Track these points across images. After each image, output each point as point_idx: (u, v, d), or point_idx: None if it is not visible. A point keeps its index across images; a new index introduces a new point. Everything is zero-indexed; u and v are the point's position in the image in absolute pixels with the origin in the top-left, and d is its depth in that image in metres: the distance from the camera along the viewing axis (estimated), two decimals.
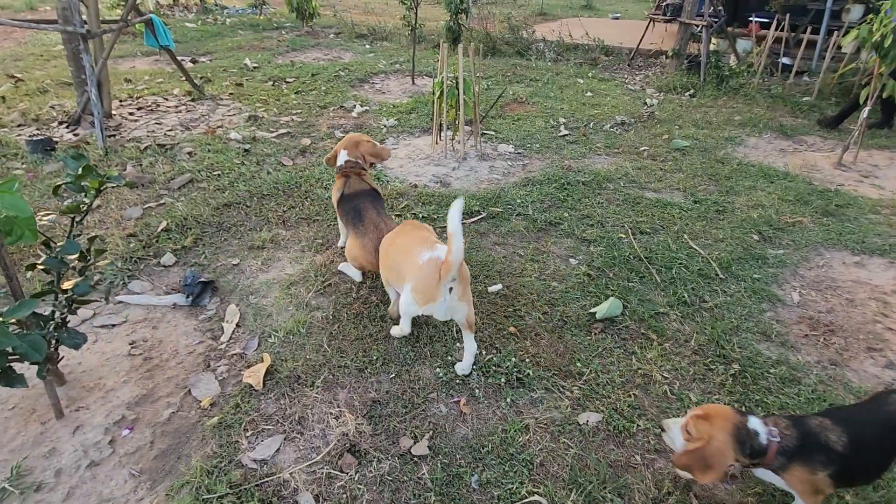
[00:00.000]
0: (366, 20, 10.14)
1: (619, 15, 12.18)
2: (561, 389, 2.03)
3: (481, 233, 3.11)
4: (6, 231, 1.61)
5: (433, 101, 4.10)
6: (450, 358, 2.15)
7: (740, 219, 3.32)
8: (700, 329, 2.37)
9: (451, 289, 1.86)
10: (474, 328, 2.03)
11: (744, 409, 1.86)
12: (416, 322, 2.33)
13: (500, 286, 2.61)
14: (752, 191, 3.72)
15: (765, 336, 2.35)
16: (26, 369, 1.71)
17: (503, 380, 2.05)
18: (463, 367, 2.05)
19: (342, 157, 2.70)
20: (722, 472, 1.38)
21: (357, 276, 2.60)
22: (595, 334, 2.32)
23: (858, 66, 5.75)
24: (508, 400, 1.97)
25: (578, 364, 2.15)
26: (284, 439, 1.81)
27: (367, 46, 8.33)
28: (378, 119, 4.98)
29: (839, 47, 6.02)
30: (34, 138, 3.86)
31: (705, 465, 1.39)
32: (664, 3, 7.47)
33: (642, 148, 4.47)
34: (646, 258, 2.88)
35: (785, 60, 6.65)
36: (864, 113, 4.06)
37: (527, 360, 2.16)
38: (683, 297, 2.57)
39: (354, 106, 5.33)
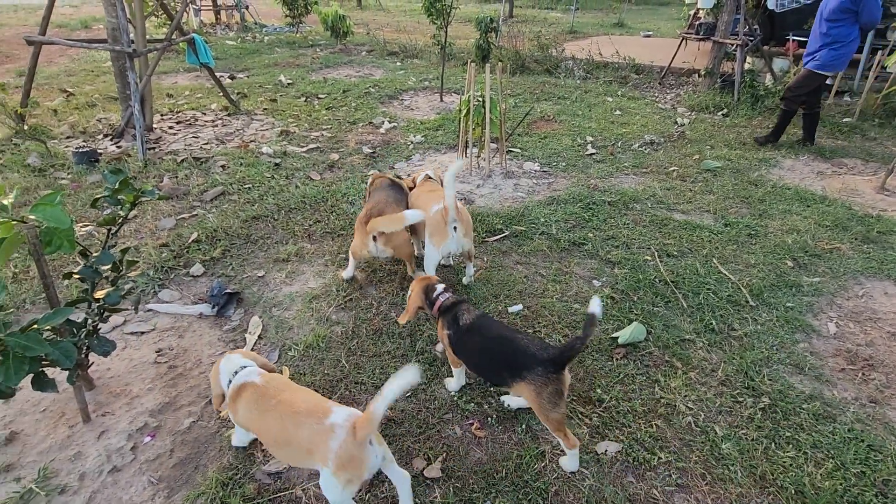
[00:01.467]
0: (397, 38, 10.37)
1: (650, 33, 12.09)
2: (580, 416, 1.98)
3: (503, 251, 3.10)
4: (46, 241, 1.70)
5: (460, 119, 4.14)
6: (467, 380, 2.12)
7: (773, 244, 3.21)
8: (728, 358, 2.28)
9: (455, 228, 2.43)
10: (473, 259, 2.68)
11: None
12: (433, 338, 2.32)
13: (520, 306, 2.59)
14: (787, 215, 3.59)
15: (797, 368, 2.24)
16: (57, 374, 1.78)
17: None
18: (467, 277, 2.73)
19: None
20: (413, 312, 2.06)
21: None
22: (617, 360, 2.27)
23: None
24: (524, 425, 1.93)
25: (598, 390, 2.09)
26: None
27: (398, 64, 8.50)
28: (405, 135, 5.06)
29: (884, 67, 5.81)
30: (80, 150, 4.08)
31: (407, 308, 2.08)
32: (697, 23, 7.37)
33: (671, 168, 4.39)
34: (672, 282, 2.80)
35: None
36: None
37: None
38: (711, 324, 2.49)
39: (383, 122, 5.43)
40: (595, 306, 1.64)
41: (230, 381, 1.64)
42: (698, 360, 2.27)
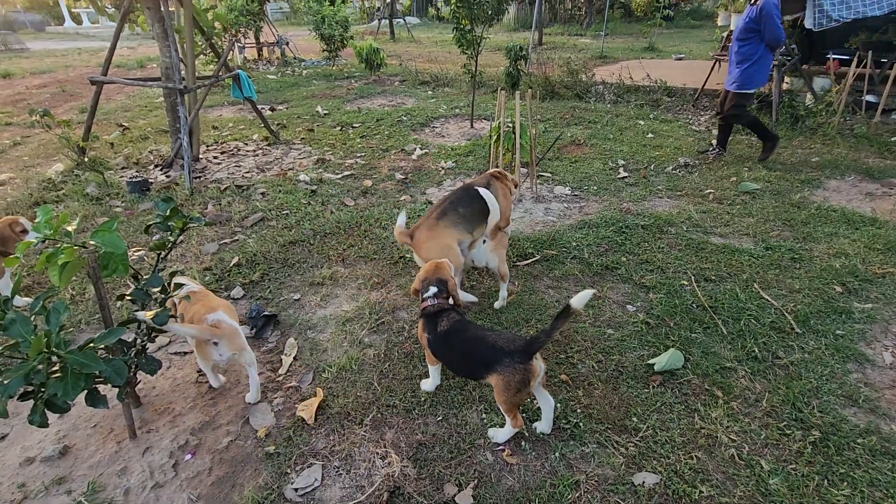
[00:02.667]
0: (429, 68, 10.69)
1: (682, 56, 12.01)
2: (615, 445, 1.93)
3: (534, 275, 3.09)
4: (103, 265, 1.82)
5: (490, 145, 4.21)
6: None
7: (819, 268, 3.07)
8: (773, 388, 2.18)
9: (484, 241, 2.64)
10: (505, 280, 2.71)
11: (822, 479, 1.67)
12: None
13: None
14: (834, 238, 3.44)
15: (851, 400, 2.11)
16: (108, 391, 1.88)
17: (553, 430, 1.98)
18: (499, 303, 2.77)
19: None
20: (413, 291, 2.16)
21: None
22: (653, 387, 2.20)
23: None
24: (557, 454, 1.89)
25: (634, 419, 2.04)
26: (330, 475, 1.84)
27: (430, 92, 8.74)
28: (437, 161, 5.17)
29: None
30: (133, 180, 4.36)
31: None
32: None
33: (707, 191, 4.30)
34: (710, 308, 2.72)
35: (870, 98, 6.22)
36: None
37: (578, 410, 2.08)
38: (753, 351, 2.39)
39: (415, 149, 5.57)
40: (578, 300, 1.72)
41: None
42: (740, 390, 2.18)
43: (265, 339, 2.61)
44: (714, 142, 5.31)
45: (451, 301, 2.07)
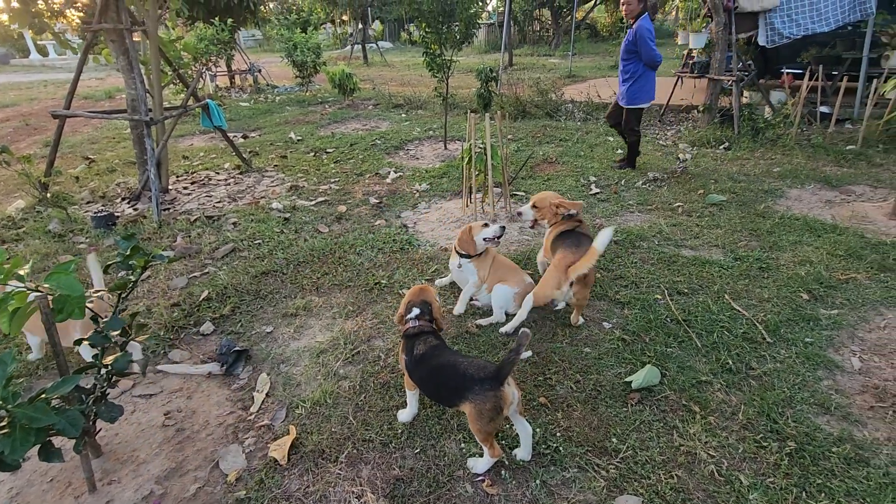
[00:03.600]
0: (402, 91, 10.81)
1: None
2: (596, 468, 1.90)
3: None
4: (58, 309, 1.74)
5: (463, 167, 4.24)
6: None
7: (787, 276, 3.15)
8: (748, 400, 2.20)
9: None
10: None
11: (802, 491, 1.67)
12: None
13: (529, 352, 2.54)
14: (798, 246, 3.54)
15: (823, 408, 2.14)
16: (65, 443, 1.78)
17: (533, 457, 1.95)
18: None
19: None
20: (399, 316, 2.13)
21: None
22: (631, 406, 2.20)
23: None
24: (539, 481, 1.86)
25: (614, 440, 2.02)
26: None
27: (403, 115, 8.82)
28: (411, 184, 5.17)
29: (882, 94, 5.86)
30: (98, 214, 4.24)
31: None
32: (691, 62, 7.58)
33: (676, 204, 4.39)
34: (684, 321, 2.74)
35: (823, 109, 6.51)
36: None
37: (558, 434, 2.05)
38: (727, 363, 2.41)
39: (389, 172, 5.57)
40: (520, 338, 1.74)
41: None
42: (717, 403, 2.19)
43: (236, 375, 2.52)
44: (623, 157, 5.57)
45: (433, 325, 2.06)
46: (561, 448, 1.97)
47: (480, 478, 1.88)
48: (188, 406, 2.33)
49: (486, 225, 2.90)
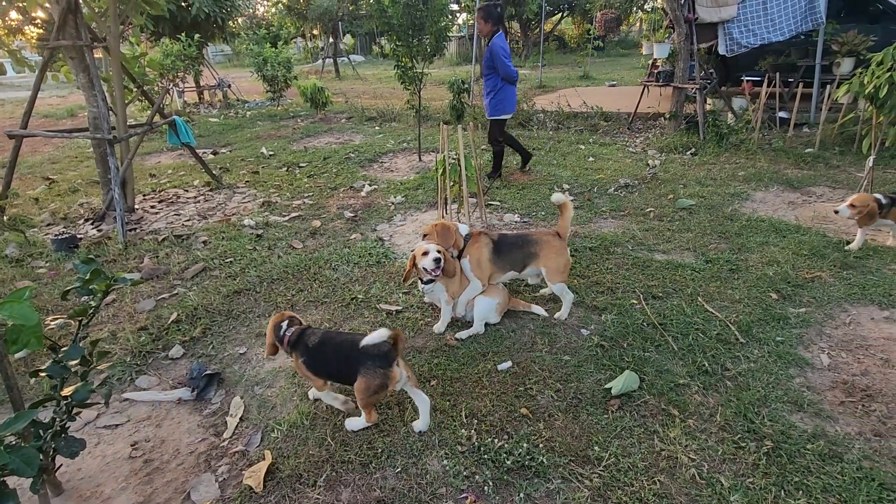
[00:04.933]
0: (375, 104, 10.81)
1: (615, 82, 12.75)
2: (579, 478, 1.89)
3: None
4: (12, 340, 1.64)
5: (437, 179, 4.23)
6: (458, 447, 2.03)
7: (755, 277, 3.23)
8: (725, 401, 2.22)
9: None
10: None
11: None
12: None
13: (509, 363, 2.53)
14: (765, 247, 3.64)
15: (797, 406, 2.18)
16: (21, 482, 1.67)
17: (516, 469, 1.92)
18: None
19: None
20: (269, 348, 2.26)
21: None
22: (612, 412, 2.20)
23: (857, 114, 5.82)
24: (522, 494, 1.83)
25: (597, 448, 2.01)
26: None
27: (377, 128, 8.80)
28: (386, 197, 5.14)
29: (835, 100, 6.14)
30: (59, 237, 4.06)
31: None
32: (656, 71, 7.81)
33: (648, 209, 4.48)
34: (660, 325, 2.78)
35: (782, 114, 6.79)
36: (870, 162, 4.04)
37: (541, 445, 2.03)
38: (704, 365, 2.44)
39: (364, 186, 5.53)
40: (375, 338, 1.89)
41: None
42: (695, 406, 2.21)
43: (208, 400, 2.43)
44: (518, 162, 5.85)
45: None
46: (544, 459, 1.95)
47: (464, 494, 1.84)
48: (157, 435, 2.22)
49: (425, 253, 2.60)
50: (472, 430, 2.11)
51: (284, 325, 2.22)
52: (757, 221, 4.08)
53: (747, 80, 7.47)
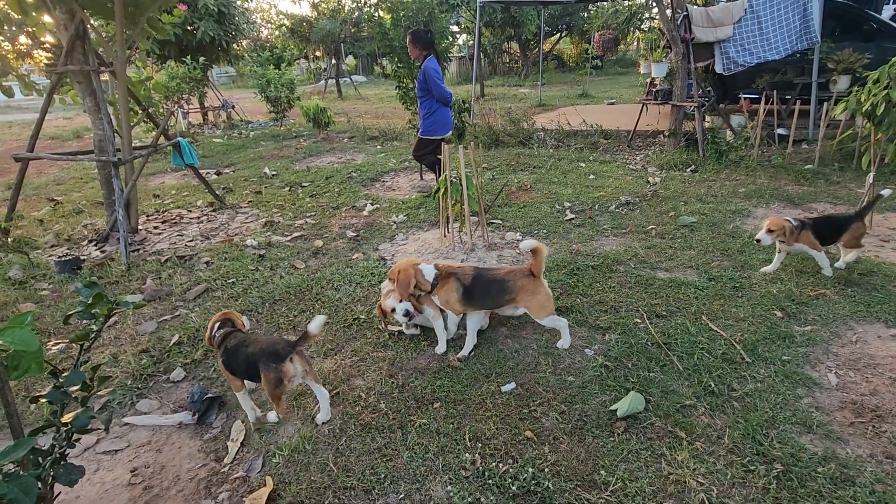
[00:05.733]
0: (377, 123, 10.94)
1: (614, 100, 12.91)
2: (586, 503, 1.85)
3: (491, 325, 3.05)
4: (13, 366, 1.63)
5: (438, 197, 4.26)
6: (462, 472, 2.00)
7: (759, 295, 3.21)
8: (732, 422, 2.19)
9: None
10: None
11: None
12: (427, 430, 2.22)
13: (513, 384, 2.50)
14: (768, 264, 3.63)
15: (806, 427, 2.15)
16: None
17: (521, 495, 1.89)
18: None
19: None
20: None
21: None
22: (618, 435, 2.16)
23: (856, 131, 5.86)
24: None
25: (603, 472, 1.98)
26: None
27: (379, 147, 8.89)
28: (388, 216, 5.17)
29: (832, 117, 6.19)
30: (63, 259, 4.08)
31: None
32: (654, 89, 7.90)
33: (650, 227, 4.48)
34: (665, 344, 2.75)
35: (780, 131, 6.84)
36: (870, 178, 4.05)
37: (546, 469, 2.00)
38: (710, 385, 2.41)
39: (365, 205, 5.56)
40: (314, 324, 2.15)
41: None
42: (702, 428, 2.17)
43: (209, 424, 2.40)
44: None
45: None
46: (550, 485, 1.92)
47: None
48: (157, 461, 2.20)
49: (393, 310, 2.79)
50: (477, 454, 2.08)
51: (217, 326, 2.38)
52: None
53: (745, 98, 7.55)
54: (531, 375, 2.58)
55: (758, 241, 3.31)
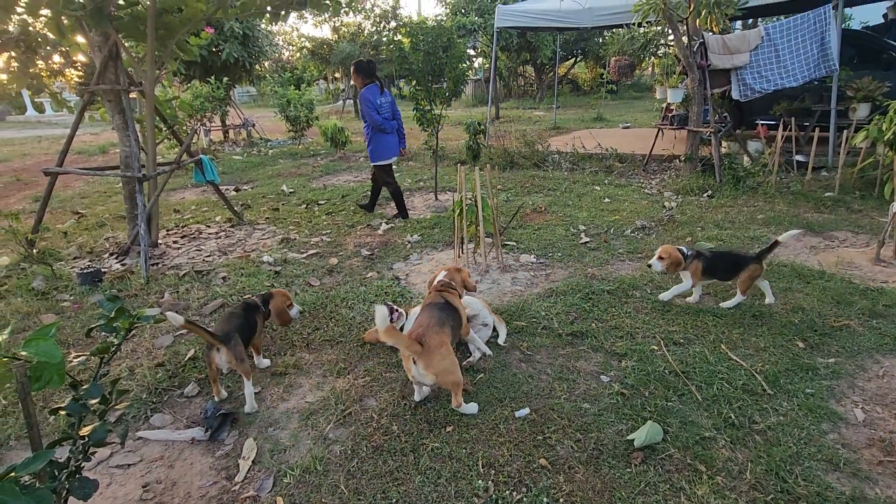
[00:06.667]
0: None
1: (629, 124, 12.95)
2: None
3: (506, 349, 3.02)
4: (35, 377, 1.66)
5: (454, 218, 4.28)
6: (475, 499, 1.96)
7: (780, 324, 3.14)
8: (755, 457, 2.12)
9: None
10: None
11: None
12: (440, 454, 2.19)
13: (527, 410, 2.47)
14: (788, 292, 3.56)
15: (832, 464, 2.07)
16: None
17: None
18: None
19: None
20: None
21: None
22: (636, 466, 2.11)
23: (877, 158, 5.79)
24: None
25: None
26: None
27: (394, 167, 8.98)
28: (402, 235, 5.20)
29: (852, 145, 6.13)
30: (84, 271, 4.16)
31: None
32: (670, 115, 7.92)
33: None
34: (682, 373, 2.70)
35: (799, 158, 6.78)
36: (894, 207, 3.98)
37: (561, 500, 1.95)
38: (730, 417, 2.35)
39: (380, 224, 5.61)
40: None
41: None
42: (723, 462, 2.11)
43: (221, 441, 2.40)
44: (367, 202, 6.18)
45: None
46: None
47: None
48: (169, 476, 2.19)
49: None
50: (490, 481, 2.04)
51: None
52: (778, 266, 4.01)
53: (762, 124, 7.52)
54: (546, 401, 2.54)
55: (649, 266, 3.37)
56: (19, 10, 4.21)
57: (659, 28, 8.50)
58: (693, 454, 2.15)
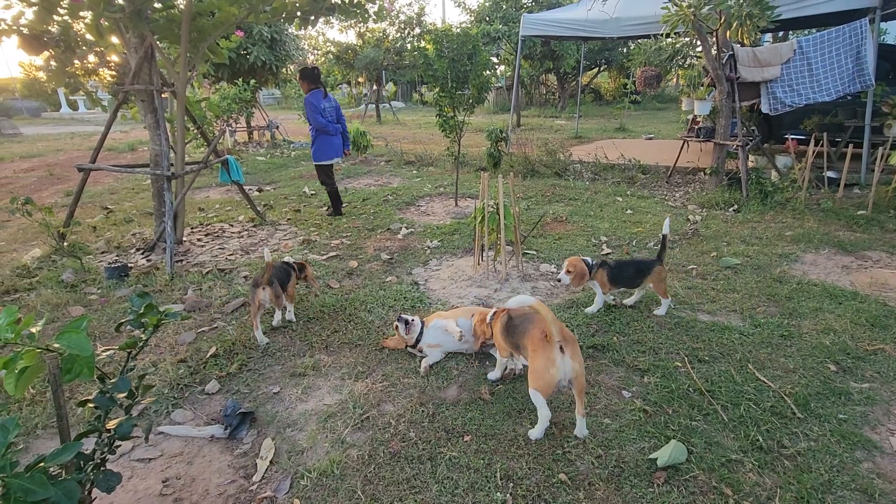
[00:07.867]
0: (414, 149, 11.15)
1: (652, 135, 12.80)
2: None
3: None
4: (66, 369, 1.69)
5: (475, 226, 4.27)
6: None
7: (811, 345, 3.04)
8: (784, 483, 2.05)
9: None
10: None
11: None
12: (457, 464, 2.16)
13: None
14: (819, 313, 3.45)
15: (867, 495, 1.99)
16: None
17: None
18: None
19: None
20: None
21: None
22: (658, 486, 2.05)
23: None
24: None
25: None
26: None
27: (415, 172, 9.04)
28: (422, 241, 5.20)
29: (888, 163, 5.94)
30: (112, 265, 4.26)
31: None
32: (697, 127, 7.79)
33: (690, 266, 4.35)
34: (707, 392, 2.63)
35: (830, 174, 6.60)
36: None
37: None
38: (758, 440, 2.28)
39: (400, 228, 5.63)
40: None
41: None
42: (750, 486, 2.04)
43: (240, 439, 2.41)
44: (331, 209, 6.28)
45: None
46: None
47: None
48: (188, 473, 2.21)
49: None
50: (508, 495, 2.01)
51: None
52: (808, 285, 3.89)
53: (792, 139, 7.35)
54: (565, 414, 2.49)
55: (559, 280, 3.39)
56: (61, 11, 4.35)
57: (687, 39, 8.39)
58: (719, 477, 2.09)
